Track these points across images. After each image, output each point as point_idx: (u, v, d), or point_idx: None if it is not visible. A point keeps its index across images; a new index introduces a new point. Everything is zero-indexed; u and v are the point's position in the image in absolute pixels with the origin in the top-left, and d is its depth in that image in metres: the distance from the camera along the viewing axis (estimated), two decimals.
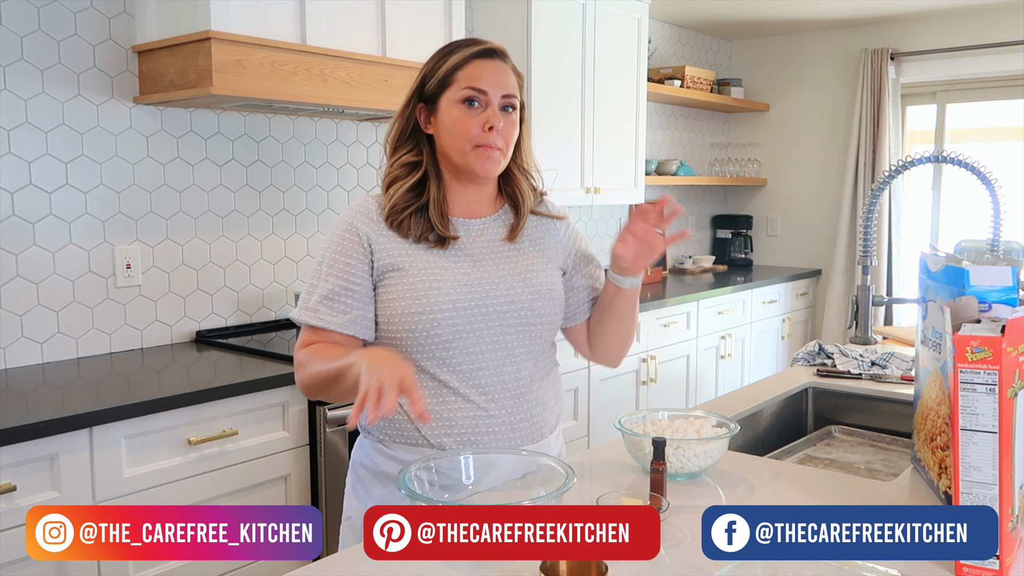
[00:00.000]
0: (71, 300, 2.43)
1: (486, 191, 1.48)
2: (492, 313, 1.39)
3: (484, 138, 1.37)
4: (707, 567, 1.09)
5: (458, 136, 1.38)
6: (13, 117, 2.28)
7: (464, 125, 1.37)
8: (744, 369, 4.48)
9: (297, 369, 1.40)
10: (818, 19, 4.73)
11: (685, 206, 5.13)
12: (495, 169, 1.41)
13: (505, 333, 1.41)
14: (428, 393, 1.39)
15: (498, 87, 1.39)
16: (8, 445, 1.76)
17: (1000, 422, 1.01)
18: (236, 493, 2.18)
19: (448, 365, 1.38)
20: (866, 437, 1.99)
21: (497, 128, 1.38)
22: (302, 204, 2.97)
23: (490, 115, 1.38)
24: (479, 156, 1.38)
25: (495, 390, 1.40)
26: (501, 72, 1.40)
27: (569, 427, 3.39)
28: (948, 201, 4.78)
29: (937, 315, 1.17)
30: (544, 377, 1.48)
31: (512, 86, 1.41)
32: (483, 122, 1.37)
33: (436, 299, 1.36)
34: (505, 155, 1.42)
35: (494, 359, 1.40)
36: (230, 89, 2.28)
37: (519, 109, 1.45)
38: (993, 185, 1.76)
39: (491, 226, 1.47)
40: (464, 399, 1.39)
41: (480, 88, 1.37)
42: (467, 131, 1.37)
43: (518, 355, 1.42)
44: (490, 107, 1.38)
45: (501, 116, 1.39)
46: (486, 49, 1.40)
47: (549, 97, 3.47)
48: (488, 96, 1.38)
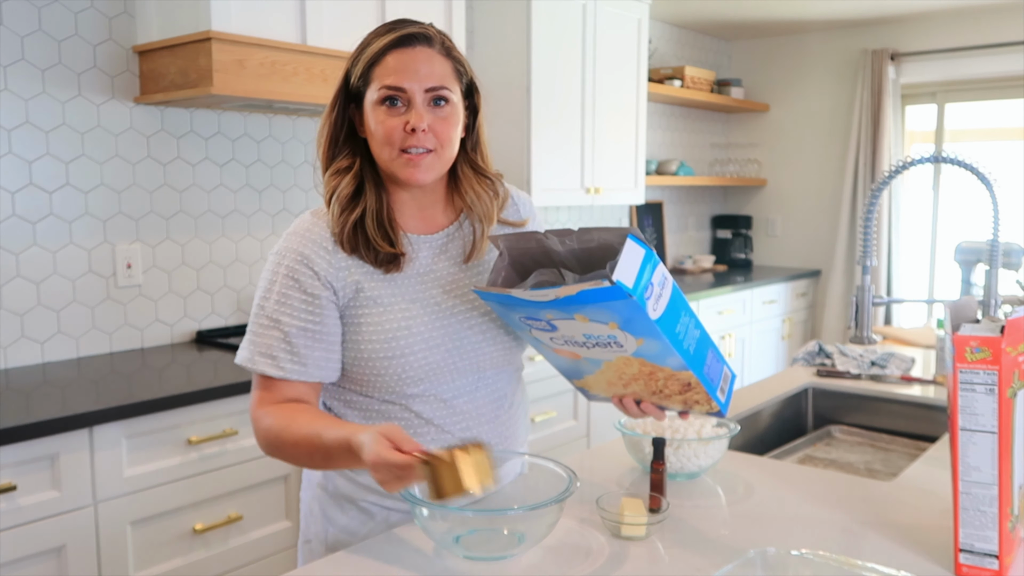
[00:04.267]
0: (72, 300, 2.43)
1: (436, 195, 1.32)
2: (467, 345, 1.27)
3: (407, 141, 1.19)
4: (707, 567, 1.09)
5: (380, 141, 1.21)
6: (14, 117, 2.29)
7: (385, 129, 1.20)
8: (744, 369, 4.48)
9: (262, 432, 1.22)
10: (818, 19, 4.73)
11: (685, 206, 5.13)
12: (424, 177, 1.22)
13: (479, 360, 1.29)
14: (401, 424, 1.27)
15: (419, 80, 1.19)
16: (8, 445, 1.76)
17: (999, 422, 1.01)
18: (236, 493, 2.18)
19: (421, 398, 1.27)
20: (866, 437, 2.00)
21: (421, 128, 1.19)
22: (302, 204, 2.97)
23: (411, 115, 1.19)
24: (405, 164, 1.21)
25: (470, 417, 1.30)
26: (423, 61, 1.20)
27: (569, 427, 3.39)
28: (948, 201, 4.79)
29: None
30: (514, 394, 1.39)
31: (439, 75, 1.21)
32: (404, 123, 1.19)
33: (407, 340, 1.22)
34: (440, 156, 1.23)
35: (468, 386, 1.30)
36: (231, 89, 2.28)
37: (466, 97, 1.28)
38: (993, 185, 1.76)
39: (453, 241, 1.32)
40: (439, 429, 1.28)
41: (397, 86, 1.19)
42: (389, 135, 1.20)
43: (490, 377, 1.32)
44: (412, 105, 1.20)
45: (429, 112, 1.20)
46: (402, 36, 1.20)
47: (549, 97, 3.47)
48: (408, 92, 1.19)
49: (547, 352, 1.23)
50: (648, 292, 1.04)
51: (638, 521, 1.17)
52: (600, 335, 1.11)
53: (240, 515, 2.18)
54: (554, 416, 3.28)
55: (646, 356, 1.11)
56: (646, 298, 1.03)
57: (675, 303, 1.09)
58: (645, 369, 1.14)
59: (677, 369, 1.12)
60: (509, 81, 3.41)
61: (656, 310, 1.05)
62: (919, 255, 4.90)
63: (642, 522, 1.17)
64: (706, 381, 1.15)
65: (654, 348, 1.10)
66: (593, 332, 1.11)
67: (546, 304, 1.09)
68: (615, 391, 1.24)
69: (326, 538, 1.33)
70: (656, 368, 1.13)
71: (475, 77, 1.30)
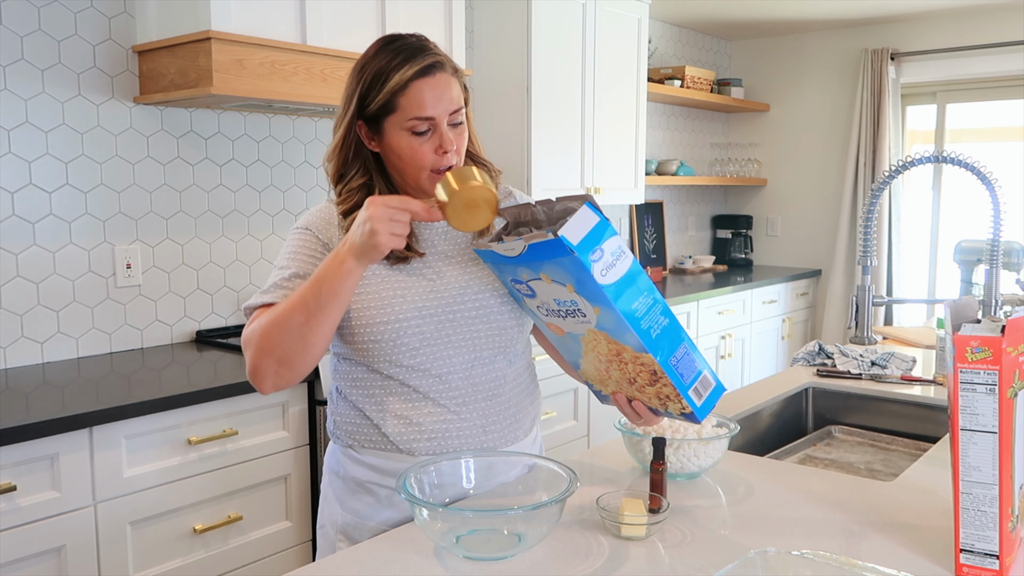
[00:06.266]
0: (71, 300, 2.43)
1: None
2: (461, 319, 1.33)
3: (439, 162, 1.29)
4: (707, 567, 1.09)
5: (412, 165, 1.30)
6: (13, 117, 2.28)
7: (418, 155, 1.29)
8: (744, 369, 4.48)
9: (250, 342, 1.26)
10: (818, 19, 4.73)
11: (685, 206, 5.13)
12: None
13: (475, 337, 1.34)
14: (397, 399, 1.33)
15: (444, 107, 1.29)
16: (8, 445, 1.76)
17: (1000, 422, 1.01)
18: (236, 493, 2.18)
19: (417, 371, 1.32)
20: (866, 437, 2.00)
21: (450, 149, 1.29)
22: (302, 204, 2.97)
23: (441, 139, 1.29)
24: (433, 179, 1.30)
25: (466, 393, 1.34)
26: (444, 87, 1.29)
27: (569, 427, 3.39)
28: (948, 201, 4.79)
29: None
30: (518, 377, 1.43)
31: (457, 98, 1.31)
32: (435, 147, 1.29)
33: (401, 307, 1.29)
34: (458, 164, 1.33)
35: (464, 362, 1.34)
36: (230, 89, 2.28)
37: (465, 106, 1.37)
38: (993, 185, 1.76)
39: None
40: (434, 403, 1.33)
41: (429, 116, 1.27)
42: (421, 160, 1.29)
43: (488, 356, 1.36)
44: (439, 130, 1.29)
45: (451, 131, 1.30)
46: (425, 67, 1.28)
47: (549, 97, 3.47)
48: (436, 120, 1.28)
49: (548, 332, 1.28)
50: (595, 255, 1.10)
51: (638, 521, 1.17)
52: (565, 300, 1.17)
53: (240, 515, 2.18)
54: (554, 416, 3.28)
55: (608, 331, 1.16)
56: (591, 260, 1.09)
57: (633, 279, 1.14)
58: (613, 348, 1.18)
59: (637, 350, 1.15)
60: (509, 81, 3.40)
61: (605, 276, 1.10)
62: (919, 255, 4.90)
63: (642, 522, 1.17)
64: (673, 374, 1.17)
65: (611, 321, 1.14)
66: (559, 296, 1.17)
67: (515, 260, 1.17)
68: (605, 382, 1.27)
69: (337, 521, 1.40)
70: (621, 347, 1.17)
71: (462, 76, 1.38)
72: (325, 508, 1.43)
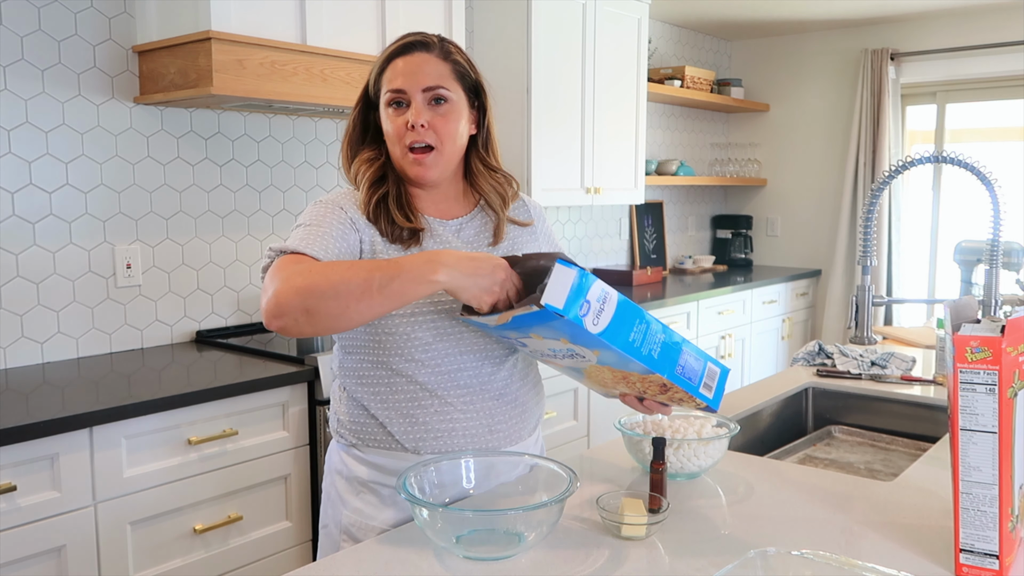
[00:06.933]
0: (71, 300, 2.43)
1: (451, 190, 1.43)
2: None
3: (409, 137, 1.31)
4: (707, 567, 1.09)
5: (391, 140, 1.34)
6: (13, 117, 2.28)
7: (393, 128, 1.33)
8: (744, 369, 4.48)
9: (287, 279, 1.18)
10: (818, 19, 4.73)
11: (685, 206, 5.13)
12: (429, 174, 1.34)
13: (487, 335, 1.35)
14: (404, 396, 1.34)
15: (416, 81, 1.31)
16: (8, 445, 1.76)
17: (1000, 422, 1.01)
18: (236, 493, 2.18)
19: (427, 366, 1.33)
20: (866, 437, 2.00)
21: (419, 123, 1.30)
22: (302, 204, 2.97)
23: (410, 113, 1.30)
24: (412, 163, 1.33)
25: (474, 391, 1.36)
26: (419, 64, 1.31)
27: (569, 427, 3.39)
28: (948, 201, 4.78)
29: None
30: (524, 377, 1.44)
31: (436, 76, 1.32)
32: (406, 121, 1.31)
33: (417, 301, 1.29)
34: (443, 152, 1.34)
35: (473, 360, 1.35)
36: (230, 89, 2.28)
37: (475, 97, 1.39)
38: (993, 185, 1.76)
39: (468, 226, 1.42)
40: (442, 401, 1.34)
41: (398, 88, 1.31)
42: (395, 133, 1.33)
43: (499, 355, 1.38)
44: (412, 104, 1.31)
45: (428, 110, 1.31)
46: (403, 45, 1.34)
47: (549, 97, 3.47)
48: (408, 93, 1.31)
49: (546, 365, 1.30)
50: (583, 309, 1.09)
51: (638, 521, 1.17)
52: (560, 349, 1.16)
53: (240, 515, 2.18)
54: (554, 416, 3.28)
55: (611, 364, 1.16)
56: (582, 316, 1.08)
57: (623, 314, 1.13)
58: (618, 374, 1.19)
59: (644, 373, 1.16)
60: (509, 81, 3.40)
61: (597, 324, 1.10)
62: (919, 255, 4.90)
63: (642, 522, 1.17)
64: (681, 381, 1.17)
65: (612, 357, 1.13)
66: (553, 347, 1.17)
67: (501, 327, 1.17)
68: (611, 392, 1.28)
69: (340, 521, 1.40)
70: (626, 373, 1.17)
71: (482, 78, 1.41)
72: (328, 508, 1.44)
